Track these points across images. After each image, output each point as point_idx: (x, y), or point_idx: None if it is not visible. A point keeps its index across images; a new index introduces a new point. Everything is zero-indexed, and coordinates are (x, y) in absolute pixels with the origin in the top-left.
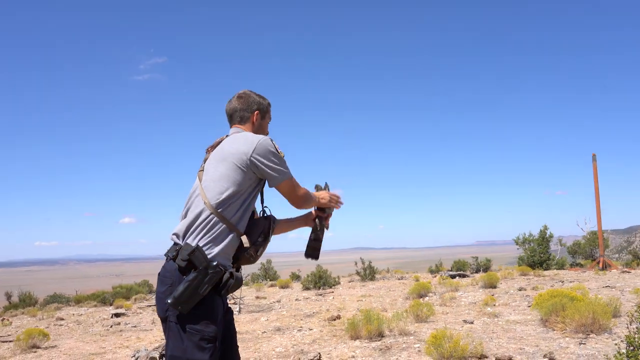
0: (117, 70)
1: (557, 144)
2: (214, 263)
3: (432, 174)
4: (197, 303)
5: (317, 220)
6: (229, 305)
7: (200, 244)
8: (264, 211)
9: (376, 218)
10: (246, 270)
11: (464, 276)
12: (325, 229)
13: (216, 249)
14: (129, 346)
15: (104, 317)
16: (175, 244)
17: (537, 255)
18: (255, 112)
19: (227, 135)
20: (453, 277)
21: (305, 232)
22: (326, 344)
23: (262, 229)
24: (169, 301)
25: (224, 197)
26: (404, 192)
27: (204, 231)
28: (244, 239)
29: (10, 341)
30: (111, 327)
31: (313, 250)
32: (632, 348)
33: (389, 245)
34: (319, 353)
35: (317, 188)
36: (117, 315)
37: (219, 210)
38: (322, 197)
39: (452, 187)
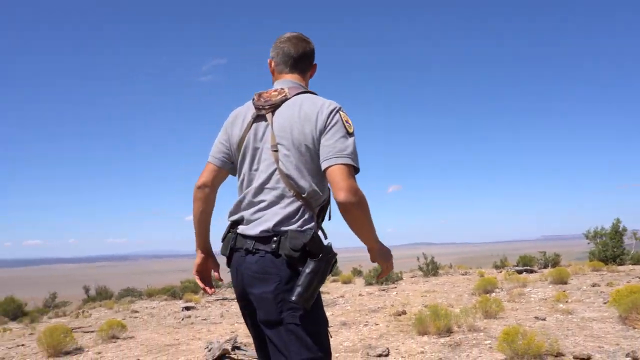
0: (182, 71)
1: (627, 136)
2: (331, 246)
3: (496, 168)
4: None
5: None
6: None
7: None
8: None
9: (437, 213)
10: None
11: (531, 272)
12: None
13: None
14: (201, 338)
15: (175, 310)
16: (265, 236)
17: (610, 249)
18: (314, 66)
19: (287, 93)
20: (520, 272)
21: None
22: (393, 339)
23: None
24: (293, 298)
25: (314, 188)
26: (465, 187)
27: (299, 219)
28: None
29: (92, 331)
30: (182, 319)
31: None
32: None
33: (449, 241)
34: (387, 348)
35: None
36: (187, 308)
37: (309, 199)
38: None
39: (516, 180)
